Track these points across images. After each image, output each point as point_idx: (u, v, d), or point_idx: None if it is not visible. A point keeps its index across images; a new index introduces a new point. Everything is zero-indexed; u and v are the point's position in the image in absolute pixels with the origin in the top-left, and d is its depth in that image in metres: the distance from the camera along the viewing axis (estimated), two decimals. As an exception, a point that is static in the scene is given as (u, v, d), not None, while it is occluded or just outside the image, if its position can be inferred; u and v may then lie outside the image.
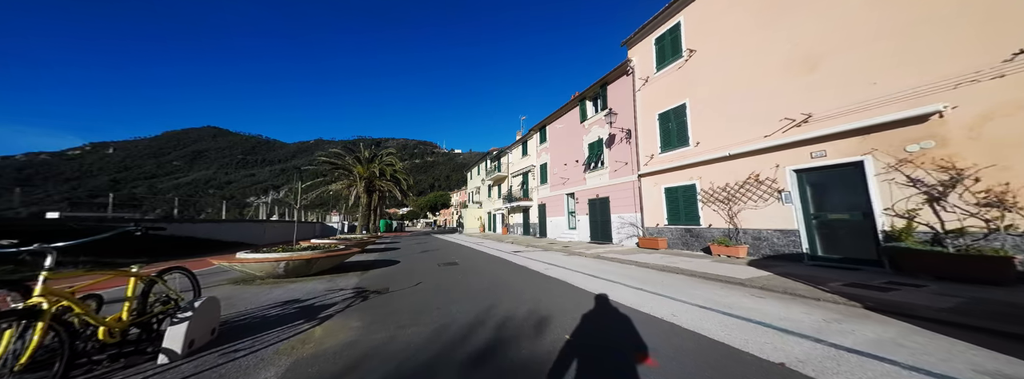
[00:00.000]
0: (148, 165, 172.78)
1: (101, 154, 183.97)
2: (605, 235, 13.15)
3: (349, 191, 20.73)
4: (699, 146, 9.00)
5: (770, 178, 7.11)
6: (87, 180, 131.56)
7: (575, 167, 15.87)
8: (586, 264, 7.69)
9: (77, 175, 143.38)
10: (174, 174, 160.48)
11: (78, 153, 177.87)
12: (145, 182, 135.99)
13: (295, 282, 5.81)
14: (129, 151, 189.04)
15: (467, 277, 6.18)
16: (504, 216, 25.83)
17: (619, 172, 12.54)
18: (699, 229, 8.92)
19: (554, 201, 17.89)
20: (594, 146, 14.34)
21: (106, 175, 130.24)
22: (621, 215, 12.23)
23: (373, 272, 7.07)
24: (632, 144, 11.88)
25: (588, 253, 9.62)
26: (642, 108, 11.36)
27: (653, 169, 10.56)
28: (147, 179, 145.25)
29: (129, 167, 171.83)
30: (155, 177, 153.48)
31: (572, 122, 16.45)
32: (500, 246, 13.89)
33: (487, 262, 8.52)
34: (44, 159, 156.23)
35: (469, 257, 9.83)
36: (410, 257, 10.17)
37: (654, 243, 9.92)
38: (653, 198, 10.67)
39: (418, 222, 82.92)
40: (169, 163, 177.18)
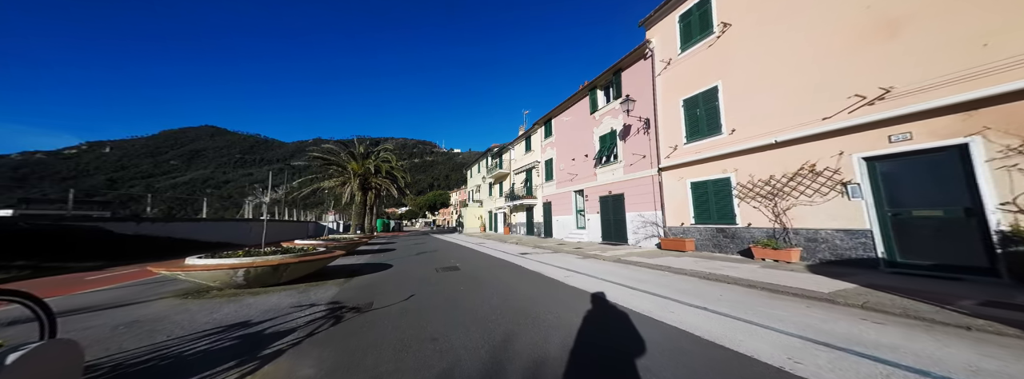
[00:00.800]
0: (145, 164, 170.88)
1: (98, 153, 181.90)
2: (619, 235, 12.03)
3: (343, 189, 19.56)
4: (735, 134, 7.87)
5: (831, 168, 5.99)
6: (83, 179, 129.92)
7: (584, 162, 14.74)
8: (610, 270, 6.56)
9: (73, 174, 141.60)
10: (172, 173, 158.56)
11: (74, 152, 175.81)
12: (142, 181, 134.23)
13: (258, 294, 4.67)
14: (126, 150, 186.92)
15: (471, 287, 5.05)
16: (506, 215, 24.70)
17: (636, 166, 11.41)
18: (735, 229, 7.80)
19: (561, 199, 16.77)
20: (606, 139, 13.21)
21: (102, 174, 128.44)
22: (639, 213, 11.10)
23: (359, 280, 5.93)
24: (651, 135, 10.75)
25: (606, 256, 8.50)
26: (663, 94, 10.23)
27: (677, 162, 9.43)
28: (144, 178, 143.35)
29: (126, 166, 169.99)
30: (152, 176, 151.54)
31: (581, 114, 15.32)
32: (504, 247, 12.76)
33: (493, 267, 7.39)
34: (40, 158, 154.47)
35: (471, 260, 8.69)
36: (405, 260, 9.04)
37: (679, 244, 8.80)
38: (677, 194, 9.55)
39: (417, 222, 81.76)
40: (166, 162, 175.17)
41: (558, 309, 3.74)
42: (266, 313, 3.77)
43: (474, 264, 7.91)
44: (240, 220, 15.59)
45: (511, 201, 22.04)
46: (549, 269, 6.80)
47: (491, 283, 5.37)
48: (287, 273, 5.12)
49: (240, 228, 15.12)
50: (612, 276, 5.79)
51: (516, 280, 5.63)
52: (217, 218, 14.39)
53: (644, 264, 6.92)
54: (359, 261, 9.02)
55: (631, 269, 6.62)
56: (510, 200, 22.30)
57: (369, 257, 10.05)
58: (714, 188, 8.40)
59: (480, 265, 7.72)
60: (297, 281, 5.54)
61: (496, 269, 7.00)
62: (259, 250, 5.66)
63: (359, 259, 9.50)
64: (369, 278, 6.13)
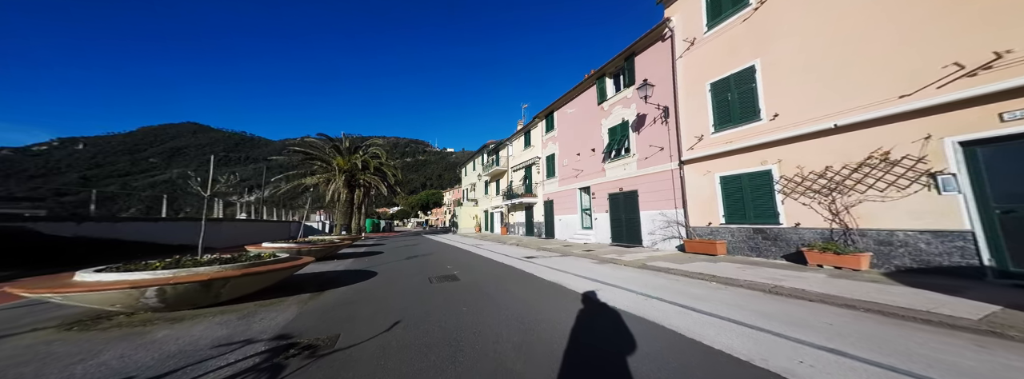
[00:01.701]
0: (122, 162, 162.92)
1: (70, 150, 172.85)
2: (632, 236, 10.92)
3: (327, 186, 18.07)
4: (777, 120, 6.81)
5: (912, 156, 4.94)
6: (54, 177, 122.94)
7: (591, 157, 13.61)
8: (642, 280, 5.40)
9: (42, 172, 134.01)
10: (150, 171, 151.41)
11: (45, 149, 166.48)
12: (119, 180, 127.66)
13: (179, 322, 3.36)
14: (101, 147, 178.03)
15: (478, 308, 3.82)
16: (503, 214, 23.46)
17: (652, 160, 10.31)
18: (777, 229, 6.73)
19: (564, 197, 15.62)
20: (616, 131, 12.10)
21: (75, 172, 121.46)
22: (656, 212, 10.00)
23: (331, 295, 4.64)
24: (669, 125, 9.66)
25: (625, 260, 7.35)
26: (686, 78, 9.15)
27: (702, 154, 8.35)
28: (121, 177, 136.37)
29: (101, 164, 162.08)
30: (129, 175, 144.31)
31: (587, 105, 14.19)
32: (505, 249, 11.54)
33: (498, 275, 6.16)
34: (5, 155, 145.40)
35: (471, 266, 7.45)
36: (393, 266, 7.74)
37: (708, 247, 7.71)
38: (702, 190, 8.47)
39: (409, 222, 79.87)
40: (145, 160, 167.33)
41: (613, 353, 2.54)
42: (167, 360, 2.47)
43: (475, 271, 6.67)
44: (208, 220, 13.99)
45: (509, 200, 20.82)
46: (567, 279, 5.61)
47: (503, 301, 4.14)
48: (228, 290, 3.80)
49: (209, 229, 13.52)
50: (653, 289, 4.62)
51: (534, 296, 4.41)
52: (178, 217, 12.81)
53: (679, 272, 5.78)
54: (338, 267, 7.69)
55: (667, 278, 5.46)
56: (508, 199, 21.08)
57: (351, 262, 8.72)
58: (750, 183, 7.32)
59: (482, 273, 6.48)
60: (247, 298, 4.22)
61: (504, 279, 5.76)
62: (190, 259, 4.31)
63: (340, 265, 8.17)
64: (345, 292, 4.85)
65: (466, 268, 7.19)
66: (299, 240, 9.44)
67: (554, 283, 5.26)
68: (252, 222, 17.78)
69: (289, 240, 9.23)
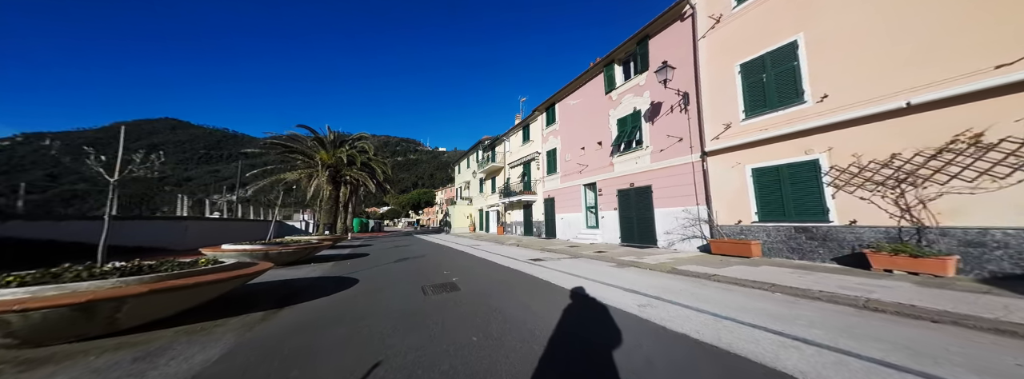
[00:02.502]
0: None
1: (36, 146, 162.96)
2: (645, 236, 9.99)
3: (309, 182, 16.68)
4: (826, 101, 5.92)
5: (1015, 137, 4.08)
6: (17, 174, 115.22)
7: (597, 151, 12.66)
8: (685, 289, 4.41)
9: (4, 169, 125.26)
10: (124, 169, 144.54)
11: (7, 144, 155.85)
12: (90, 177, 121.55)
13: (31, 371, 2.19)
14: (70, 143, 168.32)
15: (493, 335, 2.75)
16: (500, 213, 22.39)
17: (668, 152, 9.39)
18: (826, 228, 5.85)
19: (566, 194, 14.64)
20: (627, 122, 11.16)
21: (41, 169, 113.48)
22: (674, 209, 9.08)
23: (290, 313, 3.51)
24: (690, 113, 8.75)
25: (648, 263, 6.38)
26: (710, 60, 8.24)
27: (730, 143, 7.45)
28: (92, 174, 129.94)
29: (70, 161, 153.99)
30: (101, 173, 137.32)
31: (593, 95, 13.23)
32: (506, 251, 10.47)
33: (505, 282, 5.10)
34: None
35: (471, 271, 6.36)
36: (379, 271, 6.60)
37: (740, 248, 6.79)
38: (730, 184, 7.57)
39: (400, 221, 78.03)
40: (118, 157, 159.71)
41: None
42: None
43: (477, 277, 5.58)
44: (168, 218, 12.50)
45: (506, 198, 19.77)
46: (594, 288, 4.58)
47: (526, 323, 3.08)
48: (128, 313, 2.64)
49: (172, 229, 12.08)
50: (713, 304, 3.62)
51: (564, 316, 3.36)
52: (133, 215, 11.35)
53: (723, 279, 4.82)
54: (313, 273, 6.50)
55: (715, 288, 4.49)
56: (505, 197, 20.03)
57: (330, 266, 7.53)
58: (790, 174, 6.43)
59: (486, 280, 5.40)
60: (168, 322, 3.06)
61: (514, 288, 4.70)
62: (80, 268, 3.12)
63: (316, 270, 6.98)
64: (312, 309, 3.71)
65: (466, 273, 6.10)
66: (270, 241, 8.20)
67: (581, 294, 4.22)
68: (225, 221, 16.28)
69: (255, 242, 7.97)
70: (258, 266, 3.96)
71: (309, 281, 5.61)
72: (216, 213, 19.69)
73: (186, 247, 11.91)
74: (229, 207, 20.52)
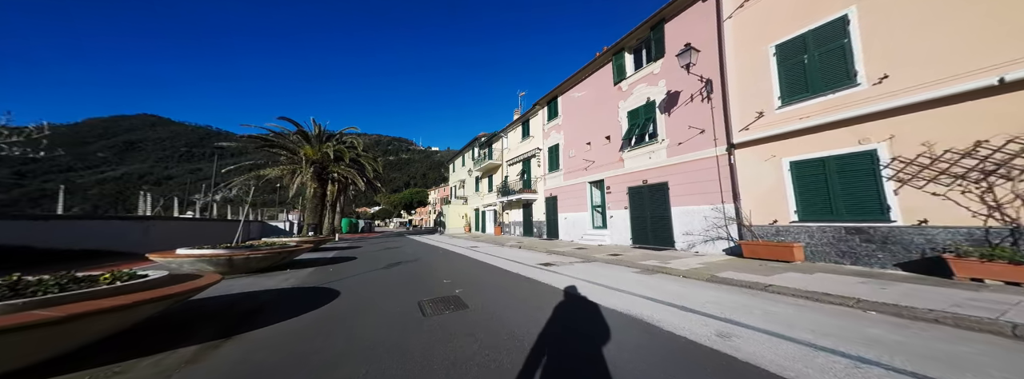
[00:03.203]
0: (64, 157, 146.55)
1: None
2: (660, 237, 9.18)
3: (292, 179, 15.44)
4: (886, 82, 5.16)
5: None
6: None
7: (604, 146, 11.83)
8: (743, 304, 3.56)
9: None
10: (99, 167, 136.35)
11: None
12: (60, 175, 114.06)
13: None
14: (39, 139, 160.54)
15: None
16: (497, 213, 21.44)
17: (688, 145, 8.59)
18: (887, 229, 5.08)
19: (570, 192, 13.79)
20: (639, 113, 10.34)
21: (7, 167, 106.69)
22: (695, 208, 8.28)
23: (235, 347, 2.54)
24: (714, 102, 7.96)
25: (679, 270, 5.53)
26: (738, 43, 7.46)
27: (764, 134, 6.67)
28: (62, 172, 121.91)
29: (38, 159, 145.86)
30: (73, 171, 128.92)
31: (599, 86, 12.40)
32: (508, 253, 9.53)
33: (520, 295, 4.17)
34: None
35: (476, 280, 5.42)
36: (366, 281, 5.60)
37: (779, 251, 6.00)
38: (763, 179, 6.79)
39: (391, 222, 76.35)
40: (92, 154, 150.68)
41: None
42: None
43: (486, 289, 4.64)
44: (127, 218, 11.18)
45: (504, 197, 18.84)
46: (637, 305, 3.69)
47: (581, 376, 2.15)
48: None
49: (131, 230, 10.79)
50: (798, 330, 2.75)
51: (637, 357, 2.44)
52: (85, 215, 10.04)
53: (782, 290, 3.99)
54: (285, 283, 5.47)
55: (778, 302, 3.64)
56: (503, 195, 19.09)
57: (309, 274, 6.49)
58: (839, 168, 5.66)
59: (497, 292, 4.46)
60: (50, 366, 2.04)
61: (536, 306, 3.77)
62: None
63: (290, 278, 5.94)
64: (264, 343, 2.73)
65: (470, 282, 5.16)
66: (237, 245, 7.10)
67: (629, 317, 3.32)
68: (198, 222, 14.95)
69: (219, 245, 6.87)
70: (198, 281, 2.95)
71: (275, 295, 4.59)
72: (190, 212, 18.29)
73: (149, 250, 10.63)
74: (205, 207, 19.11)
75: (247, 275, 6.37)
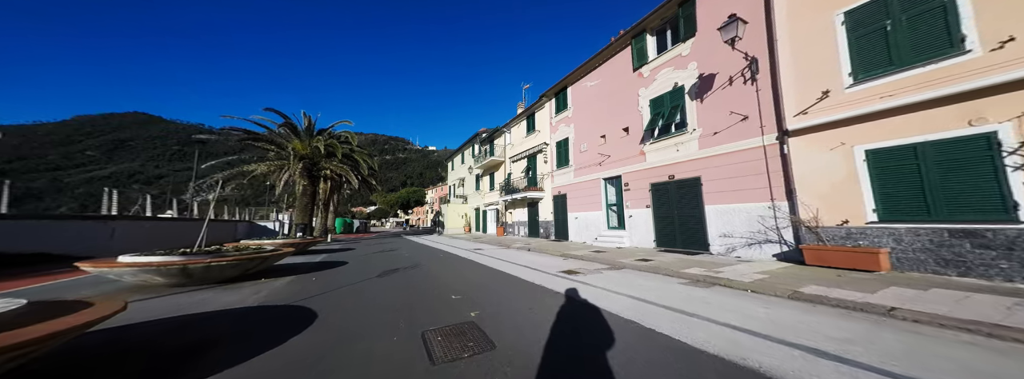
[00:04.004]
0: (52, 155, 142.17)
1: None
2: (691, 239, 8.12)
3: (279, 175, 14.21)
4: (1011, 46, 4.11)
5: None
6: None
7: (622, 139, 10.76)
8: (886, 342, 2.48)
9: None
10: (87, 166, 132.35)
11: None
12: (48, 174, 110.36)
13: None
14: (25, 137, 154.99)
15: None
16: (500, 212, 20.31)
17: (726, 135, 7.53)
18: (1015, 231, 4.04)
19: (582, 190, 12.70)
20: (663, 101, 9.27)
21: None
22: (735, 206, 7.22)
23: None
24: (761, 83, 6.91)
25: (739, 282, 4.46)
26: (794, 12, 6.38)
27: (829, 118, 5.61)
28: (50, 171, 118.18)
29: (25, 156, 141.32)
30: (60, 169, 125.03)
31: (616, 73, 11.33)
32: (519, 257, 8.41)
33: (582, 336, 3.05)
34: None
35: (494, 297, 4.30)
36: (352, 295, 4.46)
37: (860, 259, 4.95)
38: (829, 171, 5.73)
39: (387, 221, 74.93)
40: (81, 153, 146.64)
41: None
42: None
43: (510, 311, 3.52)
44: (87, 217, 9.91)
45: (507, 195, 17.72)
46: (732, 342, 2.59)
47: None
48: None
49: (92, 231, 9.54)
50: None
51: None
52: (34, 214, 8.78)
53: (926, 318, 2.91)
54: (248, 299, 4.31)
55: (942, 341, 2.56)
56: (506, 194, 17.97)
57: (286, 284, 5.33)
58: (939, 155, 4.61)
59: (526, 316, 3.34)
60: None
61: (600, 345, 2.66)
62: None
63: (259, 292, 4.77)
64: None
65: (485, 299, 4.03)
66: (199, 250, 5.91)
67: (730, 363, 2.21)
68: (175, 222, 13.68)
69: (174, 251, 5.68)
70: (81, 316, 1.79)
71: (233, 318, 3.44)
72: (169, 212, 16.97)
73: (113, 253, 9.36)
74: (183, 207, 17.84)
75: (208, 287, 5.21)
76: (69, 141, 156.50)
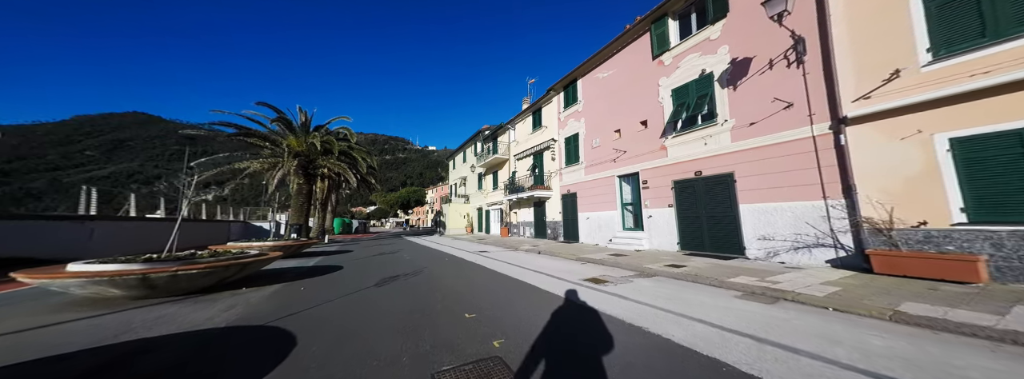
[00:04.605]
0: (51, 155, 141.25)
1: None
2: (722, 242, 7.32)
3: (272, 173, 13.41)
4: None
5: None
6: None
7: (640, 133, 9.97)
8: None
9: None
10: (86, 166, 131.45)
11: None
12: (47, 175, 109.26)
13: None
14: (25, 137, 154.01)
15: None
16: (504, 212, 19.52)
17: (766, 124, 6.73)
18: None
19: (594, 188, 11.91)
20: (688, 90, 8.47)
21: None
22: (802, 203, 6.41)
23: None
24: (810, 64, 6.10)
25: (808, 295, 3.68)
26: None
27: (901, 102, 4.81)
28: (49, 171, 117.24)
29: (24, 156, 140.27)
30: (59, 169, 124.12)
31: (633, 62, 10.53)
32: (531, 261, 7.60)
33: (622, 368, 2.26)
34: None
35: (518, 317, 3.49)
36: (342, 311, 3.66)
37: (951, 269, 4.14)
38: (901, 164, 4.93)
39: (387, 222, 74.15)
40: (80, 153, 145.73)
41: None
42: None
43: (543, 340, 2.70)
44: (62, 218, 9.10)
45: (512, 194, 16.93)
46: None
47: None
48: None
49: (68, 232, 8.76)
50: None
51: None
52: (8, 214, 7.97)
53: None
54: (216, 318, 3.51)
55: None
56: (510, 193, 17.18)
57: (270, 295, 4.53)
58: (1051, 143, 3.81)
59: (564, 345, 2.54)
60: None
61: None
62: None
63: (232, 307, 3.98)
64: None
65: (508, 322, 3.23)
66: (167, 256, 5.11)
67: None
68: (164, 222, 12.89)
69: (135, 259, 4.88)
70: None
71: (180, 349, 2.63)
72: (160, 212, 16.19)
73: (91, 256, 8.55)
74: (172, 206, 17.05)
75: (177, 300, 4.42)
76: (68, 141, 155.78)
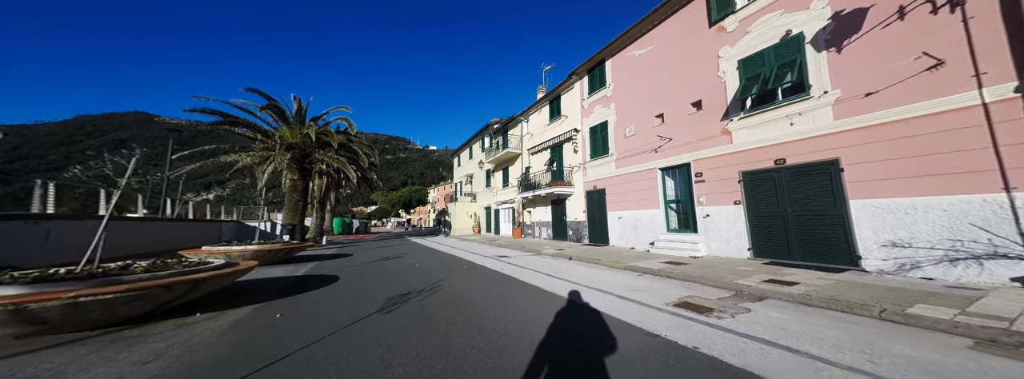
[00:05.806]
0: (53, 155, 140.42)
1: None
2: (819, 249, 5.73)
3: (263, 167, 11.87)
4: None
5: None
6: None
7: (690, 117, 8.39)
8: None
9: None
10: (86, 165, 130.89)
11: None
12: (47, 174, 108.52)
13: None
14: (26, 137, 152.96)
15: None
16: (516, 212, 17.94)
17: (893, 93, 5.11)
18: None
19: (628, 183, 10.32)
20: (763, 59, 6.88)
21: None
22: (960, 198, 4.81)
23: None
24: (971, 6, 4.50)
25: None
26: None
27: None
28: (50, 171, 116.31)
29: (26, 156, 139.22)
30: (60, 169, 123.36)
31: (681, 33, 8.94)
32: (572, 271, 5.99)
33: None
34: None
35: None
36: (328, 359, 2.08)
37: None
38: None
39: (388, 222, 72.61)
40: (81, 153, 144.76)
41: None
42: None
43: None
44: (8, 216, 7.52)
45: (526, 192, 15.35)
46: None
47: None
48: None
49: (18, 233, 7.25)
50: None
51: None
52: None
53: None
54: (135, 373, 1.92)
55: None
56: (524, 190, 15.60)
57: (238, 321, 2.94)
58: None
59: None
60: None
61: None
62: None
63: (170, 350, 2.38)
64: None
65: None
66: (82, 270, 3.56)
67: None
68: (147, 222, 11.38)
69: (27, 277, 3.32)
70: None
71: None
72: (143, 211, 14.66)
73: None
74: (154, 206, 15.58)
75: (86, 337, 2.86)
76: (70, 141, 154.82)
